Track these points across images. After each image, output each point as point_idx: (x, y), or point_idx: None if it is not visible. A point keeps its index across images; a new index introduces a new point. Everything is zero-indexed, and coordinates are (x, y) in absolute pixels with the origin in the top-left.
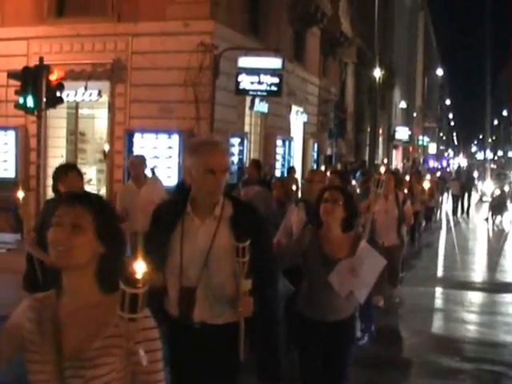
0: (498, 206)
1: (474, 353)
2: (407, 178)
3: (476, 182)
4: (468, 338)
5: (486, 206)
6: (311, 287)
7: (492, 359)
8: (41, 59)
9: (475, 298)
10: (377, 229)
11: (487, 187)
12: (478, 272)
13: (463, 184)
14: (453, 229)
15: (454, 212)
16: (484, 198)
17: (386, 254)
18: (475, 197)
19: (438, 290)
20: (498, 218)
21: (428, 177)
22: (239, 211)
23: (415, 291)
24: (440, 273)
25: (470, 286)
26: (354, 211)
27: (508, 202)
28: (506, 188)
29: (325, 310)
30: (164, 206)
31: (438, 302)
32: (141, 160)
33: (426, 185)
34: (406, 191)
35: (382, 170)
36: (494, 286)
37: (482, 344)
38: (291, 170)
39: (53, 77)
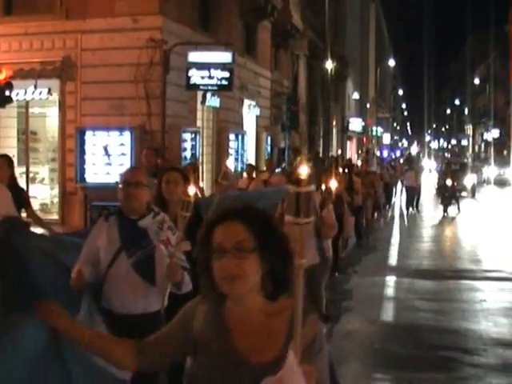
0: (449, 197)
1: (429, 340)
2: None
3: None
4: (422, 326)
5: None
6: None
7: (446, 345)
8: None
9: (429, 285)
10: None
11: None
12: (432, 260)
13: (418, 174)
14: (405, 220)
15: (408, 206)
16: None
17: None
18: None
19: (392, 279)
20: (450, 208)
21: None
22: None
23: (369, 281)
24: (394, 262)
25: (423, 274)
26: (285, 254)
27: (460, 192)
28: (468, 178)
29: None
30: None
31: (392, 291)
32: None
33: (333, 185)
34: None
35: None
36: (447, 273)
37: (436, 331)
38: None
39: (1, 76)
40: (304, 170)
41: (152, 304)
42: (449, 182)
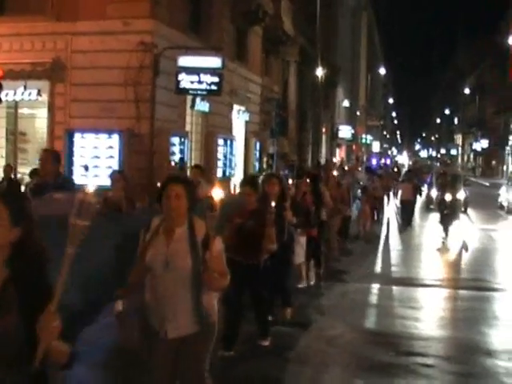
0: (450, 215)
1: (409, 347)
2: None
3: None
4: (403, 333)
5: (433, 216)
6: None
7: (426, 353)
8: None
9: (412, 293)
10: (156, 302)
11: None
12: (416, 268)
13: (416, 186)
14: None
15: (403, 222)
16: (432, 206)
17: (178, 352)
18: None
19: (375, 287)
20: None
21: None
22: None
23: (353, 288)
24: (378, 270)
25: (406, 282)
26: None
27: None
28: (461, 194)
29: None
30: None
31: (375, 298)
32: None
33: (218, 194)
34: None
35: None
36: (429, 282)
37: (416, 338)
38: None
39: None
40: None
41: None
42: (448, 197)
